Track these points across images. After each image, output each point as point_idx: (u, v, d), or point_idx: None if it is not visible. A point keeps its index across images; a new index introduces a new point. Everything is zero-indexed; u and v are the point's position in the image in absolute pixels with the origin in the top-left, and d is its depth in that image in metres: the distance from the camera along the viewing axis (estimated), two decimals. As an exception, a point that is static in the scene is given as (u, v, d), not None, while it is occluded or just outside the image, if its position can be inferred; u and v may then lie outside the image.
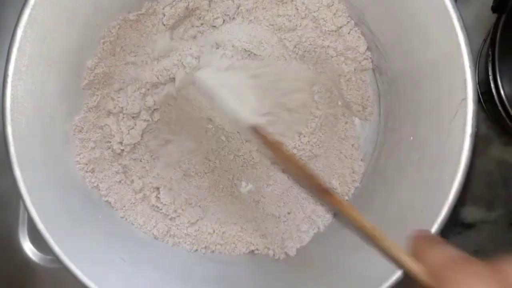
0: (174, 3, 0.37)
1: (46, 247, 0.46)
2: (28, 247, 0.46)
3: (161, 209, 0.39)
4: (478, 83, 0.41)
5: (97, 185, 0.37)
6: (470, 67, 0.27)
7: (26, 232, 0.46)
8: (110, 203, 0.38)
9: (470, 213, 0.46)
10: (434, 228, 0.28)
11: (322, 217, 0.39)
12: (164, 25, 0.37)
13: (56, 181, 0.34)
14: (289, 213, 0.39)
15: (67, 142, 0.36)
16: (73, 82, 0.35)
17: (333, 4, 0.37)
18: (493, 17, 0.39)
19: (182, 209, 0.39)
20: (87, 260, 0.32)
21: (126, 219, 0.38)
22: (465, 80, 0.27)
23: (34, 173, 0.32)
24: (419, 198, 0.30)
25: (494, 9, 0.38)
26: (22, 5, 0.30)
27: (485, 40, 0.42)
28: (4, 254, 0.46)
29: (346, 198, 0.39)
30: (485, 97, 0.42)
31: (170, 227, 0.39)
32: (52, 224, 0.31)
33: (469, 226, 0.47)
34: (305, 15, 0.37)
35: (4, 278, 0.46)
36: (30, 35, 0.31)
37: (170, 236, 0.39)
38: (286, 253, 0.38)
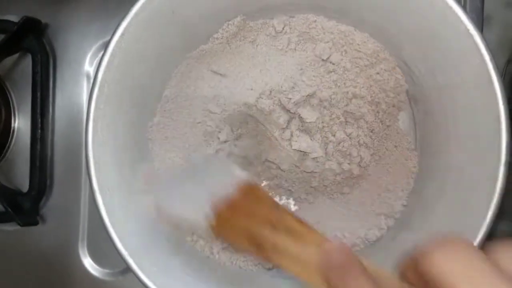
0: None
1: (105, 261, 0.50)
2: (87, 262, 0.50)
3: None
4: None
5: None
6: (503, 104, 0.30)
7: (85, 248, 0.50)
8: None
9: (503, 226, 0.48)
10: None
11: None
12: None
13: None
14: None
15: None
16: (140, 117, 0.40)
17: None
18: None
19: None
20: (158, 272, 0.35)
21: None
22: (498, 116, 0.30)
23: (111, 194, 0.36)
24: (457, 220, 0.33)
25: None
26: (103, 53, 0.35)
27: (508, 61, 0.45)
28: (66, 269, 0.50)
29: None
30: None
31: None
32: (127, 241, 0.35)
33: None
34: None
35: (66, 291, 0.50)
36: (108, 77, 0.35)
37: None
38: None
